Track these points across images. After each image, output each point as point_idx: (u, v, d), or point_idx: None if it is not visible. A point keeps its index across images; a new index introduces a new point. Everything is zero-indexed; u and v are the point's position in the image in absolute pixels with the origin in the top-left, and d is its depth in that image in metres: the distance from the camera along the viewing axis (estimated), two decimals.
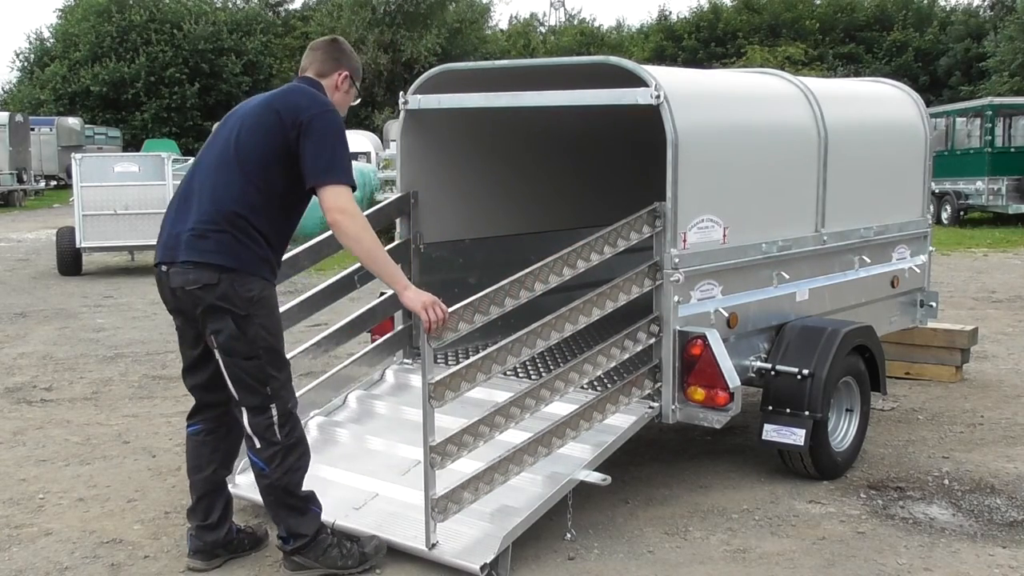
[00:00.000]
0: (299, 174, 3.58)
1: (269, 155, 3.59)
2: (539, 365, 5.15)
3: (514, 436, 4.05)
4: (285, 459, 3.69)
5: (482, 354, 3.87)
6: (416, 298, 3.64)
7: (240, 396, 3.67)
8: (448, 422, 4.02)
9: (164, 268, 3.66)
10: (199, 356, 3.79)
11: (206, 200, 3.61)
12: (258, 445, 3.67)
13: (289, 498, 3.74)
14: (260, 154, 3.59)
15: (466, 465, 3.93)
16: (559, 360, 5.20)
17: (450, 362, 5.17)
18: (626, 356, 4.33)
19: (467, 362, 3.84)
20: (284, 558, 3.85)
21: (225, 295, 3.55)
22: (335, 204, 3.52)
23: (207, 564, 3.92)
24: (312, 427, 4.82)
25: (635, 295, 4.30)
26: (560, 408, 4.23)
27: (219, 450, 3.90)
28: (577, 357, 4.22)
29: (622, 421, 4.36)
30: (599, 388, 4.48)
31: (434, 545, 3.80)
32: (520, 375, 4.95)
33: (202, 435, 3.89)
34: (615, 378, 4.47)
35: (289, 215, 3.71)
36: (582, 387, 4.38)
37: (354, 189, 3.60)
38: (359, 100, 4.04)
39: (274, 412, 3.66)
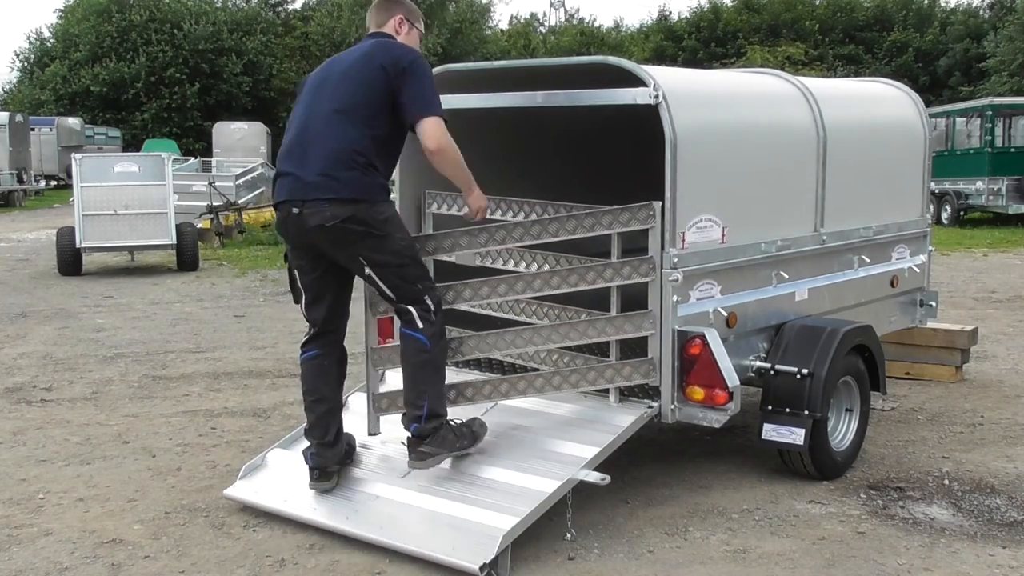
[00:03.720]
0: (399, 115, 4.10)
1: (378, 106, 4.09)
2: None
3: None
4: (442, 339, 4.27)
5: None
6: (479, 200, 4.36)
7: (399, 296, 4.20)
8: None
9: (296, 209, 4.08)
10: (322, 288, 4.29)
11: (329, 148, 4.07)
12: (421, 325, 4.17)
13: (437, 374, 4.23)
14: (368, 103, 4.09)
15: None
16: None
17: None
18: (605, 339, 4.35)
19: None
20: (411, 453, 4.17)
21: (364, 221, 4.04)
22: (433, 134, 4.06)
23: (329, 483, 4.32)
24: None
25: (616, 283, 4.31)
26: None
27: (334, 373, 4.39)
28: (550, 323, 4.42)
29: (621, 420, 4.37)
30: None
31: (375, 434, 4.49)
32: (507, 374, 4.92)
33: (319, 359, 4.36)
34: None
35: (394, 150, 4.25)
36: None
37: (446, 121, 4.12)
38: (425, 39, 4.46)
39: (430, 302, 4.21)
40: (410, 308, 4.18)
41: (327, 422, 4.34)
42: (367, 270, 4.17)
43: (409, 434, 4.21)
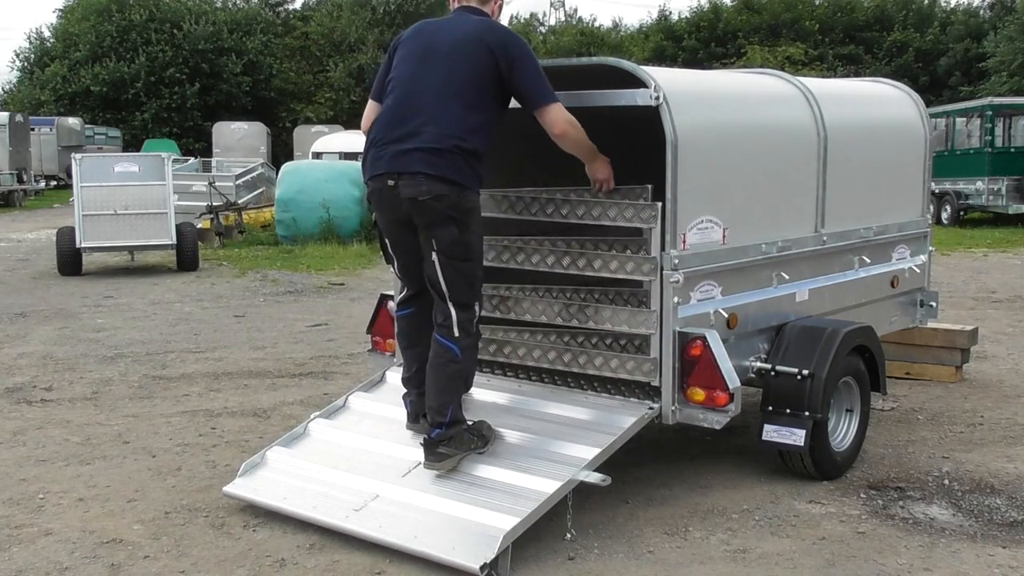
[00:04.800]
0: (504, 100, 4.23)
1: (485, 89, 4.17)
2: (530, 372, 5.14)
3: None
4: (474, 351, 4.36)
5: None
6: (598, 171, 4.47)
7: (452, 293, 4.20)
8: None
9: (392, 182, 4.13)
10: (416, 259, 4.33)
11: (439, 128, 4.11)
12: (457, 334, 4.21)
13: (464, 386, 4.34)
14: (477, 88, 4.15)
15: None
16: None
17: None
18: (606, 329, 4.43)
19: None
20: (428, 454, 4.23)
21: (453, 205, 4.10)
22: (561, 119, 4.19)
23: (423, 427, 4.42)
24: (312, 429, 4.83)
25: (619, 276, 4.38)
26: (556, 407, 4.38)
27: (430, 329, 4.40)
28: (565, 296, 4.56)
29: (622, 421, 4.37)
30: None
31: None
32: (508, 375, 4.93)
33: (416, 316, 4.48)
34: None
35: (493, 136, 4.27)
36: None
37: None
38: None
39: (477, 308, 4.29)
40: (453, 312, 4.19)
41: (424, 375, 4.42)
42: (434, 255, 4.18)
43: (427, 436, 4.27)
